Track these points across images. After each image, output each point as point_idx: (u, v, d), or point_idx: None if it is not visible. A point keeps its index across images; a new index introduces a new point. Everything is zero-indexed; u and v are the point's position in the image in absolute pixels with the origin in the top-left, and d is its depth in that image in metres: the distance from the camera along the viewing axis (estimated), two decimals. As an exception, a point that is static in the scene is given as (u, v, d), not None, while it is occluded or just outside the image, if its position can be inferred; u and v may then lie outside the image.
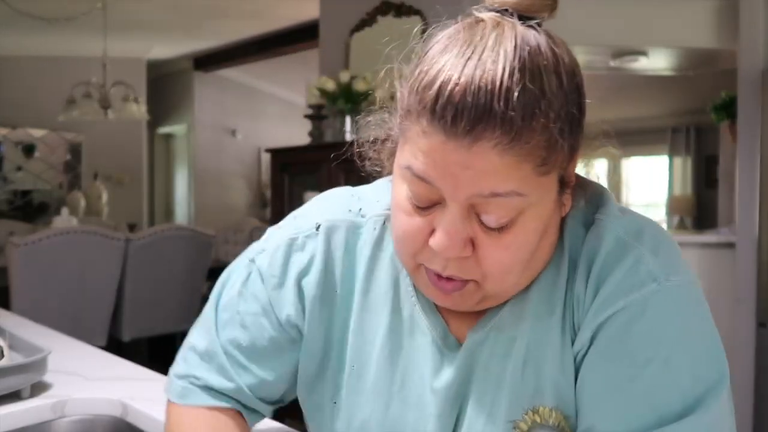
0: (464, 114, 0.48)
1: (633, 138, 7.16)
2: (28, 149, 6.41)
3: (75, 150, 6.70)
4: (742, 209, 2.86)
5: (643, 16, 3.19)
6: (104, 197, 6.58)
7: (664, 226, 5.66)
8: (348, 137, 3.05)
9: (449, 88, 0.49)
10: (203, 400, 0.68)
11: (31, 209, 6.34)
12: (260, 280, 0.67)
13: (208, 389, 0.69)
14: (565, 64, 0.53)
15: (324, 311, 0.66)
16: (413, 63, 0.55)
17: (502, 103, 0.48)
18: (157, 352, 3.88)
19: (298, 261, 0.66)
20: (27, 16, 4.36)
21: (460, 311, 0.61)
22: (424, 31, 0.57)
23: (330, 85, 3.07)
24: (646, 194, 7.45)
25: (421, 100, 0.51)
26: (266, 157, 6.55)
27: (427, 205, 0.54)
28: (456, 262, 0.54)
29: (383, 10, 3.32)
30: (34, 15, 4.36)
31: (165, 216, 7.85)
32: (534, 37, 0.52)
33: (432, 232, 0.54)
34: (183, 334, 4.42)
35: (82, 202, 6.35)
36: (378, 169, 0.66)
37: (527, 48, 0.50)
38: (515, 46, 0.50)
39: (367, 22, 3.41)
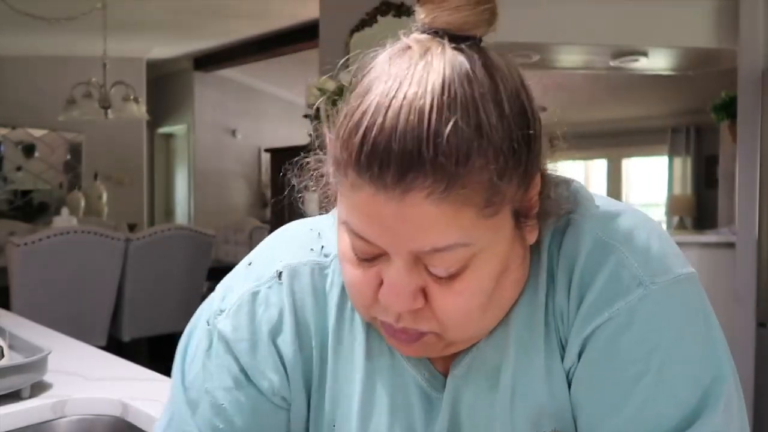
0: (391, 163, 0.43)
1: (633, 138, 7.17)
2: (28, 149, 6.42)
3: (75, 150, 6.71)
4: (742, 209, 2.86)
5: (643, 16, 3.19)
6: (104, 197, 6.58)
7: (664, 226, 5.67)
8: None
9: (373, 134, 0.44)
10: None
11: (31, 209, 6.35)
12: (226, 349, 0.58)
13: None
14: (506, 88, 0.47)
15: (305, 371, 0.59)
16: (342, 100, 0.50)
17: (431, 149, 0.43)
18: (157, 352, 3.88)
19: (267, 318, 0.58)
20: (27, 16, 4.36)
21: None
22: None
23: (330, 85, 3.07)
24: (646, 194, 7.45)
25: (347, 148, 0.46)
26: (266, 157, 6.56)
27: (372, 257, 0.50)
28: (409, 314, 0.50)
29: (383, 10, 3.32)
30: (34, 15, 4.36)
31: (165, 216, 7.85)
32: (467, 60, 0.46)
33: (380, 283, 0.50)
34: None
35: (82, 202, 6.36)
36: (324, 212, 0.61)
37: (458, 77, 0.45)
38: (444, 76, 0.45)
39: (367, 22, 3.41)
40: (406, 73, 0.46)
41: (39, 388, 1.04)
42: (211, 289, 0.69)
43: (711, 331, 0.52)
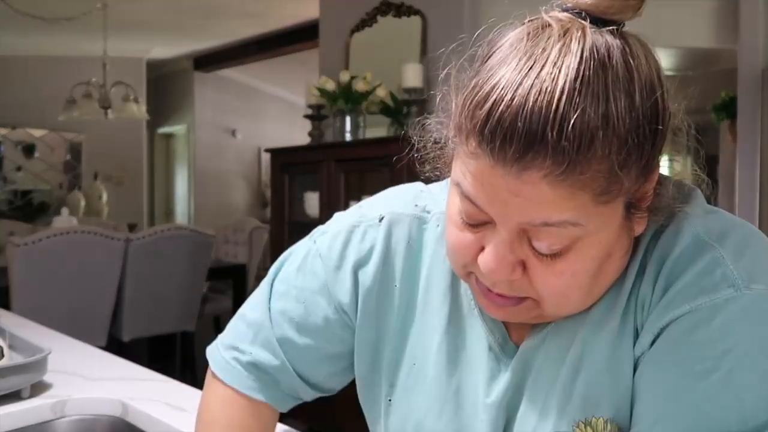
0: (513, 140, 0.44)
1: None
2: (28, 149, 6.42)
3: (75, 150, 6.71)
4: (742, 209, 2.86)
5: (643, 16, 3.18)
6: (104, 197, 6.58)
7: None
8: (348, 137, 3.05)
9: (500, 109, 0.45)
10: (244, 386, 0.68)
11: (31, 209, 6.35)
12: (320, 259, 0.66)
13: (253, 366, 0.68)
14: (641, 79, 0.47)
15: (379, 304, 0.64)
16: (472, 69, 0.50)
17: (555, 132, 0.43)
18: (157, 352, 3.88)
19: (356, 249, 0.65)
20: (27, 16, 4.37)
21: None
22: (424, 29, 0.53)
23: (330, 85, 3.07)
24: (646, 194, 7.45)
25: (472, 118, 0.47)
26: (266, 157, 6.55)
27: (478, 223, 0.51)
28: (506, 282, 0.51)
29: (383, 10, 3.32)
30: (34, 15, 4.36)
31: (165, 216, 7.85)
32: (605, 46, 0.46)
33: (482, 249, 0.51)
34: (183, 334, 4.39)
35: (82, 202, 6.36)
36: (437, 174, 0.62)
37: (594, 62, 0.45)
38: (580, 60, 0.45)
39: (367, 22, 3.41)
40: (541, 53, 0.46)
41: (39, 388, 1.04)
42: (212, 289, 0.73)
43: None
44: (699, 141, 0.56)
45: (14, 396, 0.99)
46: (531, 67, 0.45)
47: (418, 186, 0.69)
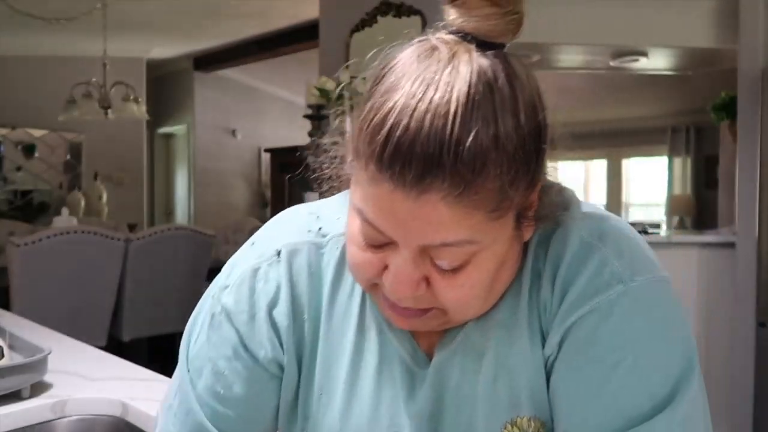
0: (412, 165, 0.46)
1: (633, 138, 7.16)
2: (28, 149, 6.42)
3: (75, 150, 6.70)
4: (742, 209, 2.86)
5: (643, 16, 3.19)
6: (104, 197, 6.58)
7: (664, 226, 5.67)
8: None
9: (397, 134, 0.46)
10: None
11: (31, 209, 6.34)
12: (228, 321, 0.63)
13: None
14: (524, 99, 0.49)
15: (296, 341, 0.63)
16: (367, 91, 0.52)
17: (451, 156, 0.45)
18: (157, 352, 3.88)
19: (264, 292, 0.63)
20: (27, 16, 4.36)
21: None
22: (424, 29, 0.54)
23: (330, 85, 3.07)
24: (646, 194, 7.45)
25: (370, 144, 0.48)
26: (266, 157, 6.56)
27: (380, 245, 0.53)
28: (411, 297, 0.53)
29: (383, 10, 3.32)
30: (34, 15, 4.36)
31: (165, 216, 7.85)
32: (491, 69, 0.48)
33: (385, 267, 0.53)
34: (183, 334, 4.44)
35: (82, 202, 6.36)
36: (335, 193, 0.65)
37: (482, 86, 0.47)
38: (469, 85, 0.47)
39: (367, 22, 3.41)
40: (433, 77, 0.48)
41: (39, 388, 1.04)
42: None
43: (682, 328, 0.56)
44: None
45: (14, 396, 0.99)
46: (425, 92, 0.47)
47: (305, 209, 0.69)
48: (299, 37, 5.59)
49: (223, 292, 0.64)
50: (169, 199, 7.94)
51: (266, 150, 3.57)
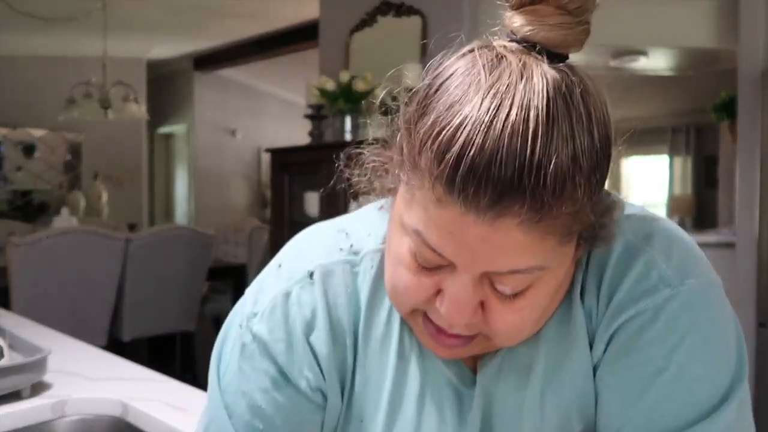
0: (488, 187, 0.42)
1: (633, 138, 7.16)
2: (28, 149, 6.42)
3: (75, 150, 6.71)
4: (742, 209, 2.86)
5: (643, 16, 3.19)
6: (104, 197, 6.58)
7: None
8: (348, 137, 3.05)
9: (471, 154, 0.42)
10: None
11: (31, 209, 6.34)
12: (263, 351, 0.58)
13: None
14: (597, 115, 0.46)
15: (337, 365, 0.58)
16: (419, 99, 0.47)
17: (533, 178, 0.41)
18: (157, 352, 3.88)
19: (300, 317, 0.58)
20: (27, 16, 4.36)
21: None
22: (424, 29, 0.51)
23: (330, 85, 3.07)
24: (646, 194, 7.45)
25: (437, 161, 0.43)
26: (266, 157, 6.56)
27: (435, 267, 0.48)
28: (464, 324, 0.50)
29: (383, 10, 3.32)
30: (34, 15, 4.36)
31: (165, 216, 7.85)
32: (565, 84, 0.44)
33: (437, 292, 0.49)
34: (183, 334, 4.39)
35: (82, 202, 6.36)
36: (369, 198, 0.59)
37: (559, 101, 0.43)
38: (547, 101, 0.43)
39: (367, 22, 3.41)
40: (506, 91, 0.43)
41: (39, 388, 1.04)
42: (211, 289, 0.69)
43: (733, 336, 0.53)
44: None
45: (14, 396, 0.99)
46: (499, 107, 0.43)
47: (332, 226, 0.64)
48: (299, 37, 5.59)
49: (252, 320, 0.59)
50: (169, 199, 7.94)
51: (266, 150, 3.56)
